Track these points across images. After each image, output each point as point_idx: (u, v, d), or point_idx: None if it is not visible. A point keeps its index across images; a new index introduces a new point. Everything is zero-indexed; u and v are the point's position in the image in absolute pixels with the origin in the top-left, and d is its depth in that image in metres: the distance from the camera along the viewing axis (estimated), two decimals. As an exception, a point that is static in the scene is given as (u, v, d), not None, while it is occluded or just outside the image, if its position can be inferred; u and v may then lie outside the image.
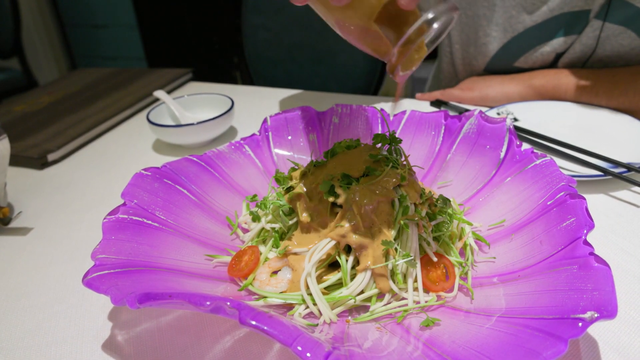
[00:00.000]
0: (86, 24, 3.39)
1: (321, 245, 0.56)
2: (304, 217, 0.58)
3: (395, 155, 0.64)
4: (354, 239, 0.55)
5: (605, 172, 0.74)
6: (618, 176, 0.72)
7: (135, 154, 1.03)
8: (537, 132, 0.87)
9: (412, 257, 0.55)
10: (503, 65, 1.10)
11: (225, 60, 3.04)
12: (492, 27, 1.07)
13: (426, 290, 0.56)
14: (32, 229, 0.81)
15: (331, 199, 0.57)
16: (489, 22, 1.07)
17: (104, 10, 3.26)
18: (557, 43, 1.02)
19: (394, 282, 0.55)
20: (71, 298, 0.65)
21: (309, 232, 0.59)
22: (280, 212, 0.61)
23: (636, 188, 0.76)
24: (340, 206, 0.57)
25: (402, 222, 0.56)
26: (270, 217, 0.64)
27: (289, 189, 0.64)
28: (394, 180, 0.57)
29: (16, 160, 1.00)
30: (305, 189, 0.60)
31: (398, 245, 0.56)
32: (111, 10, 3.23)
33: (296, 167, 0.66)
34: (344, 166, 0.59)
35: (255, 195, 0.73)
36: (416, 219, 0.56)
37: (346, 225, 0.55)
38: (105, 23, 3.31)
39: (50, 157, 1.01)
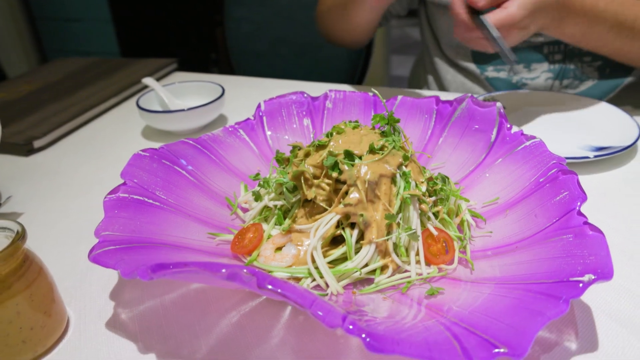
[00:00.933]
0: (58, 17, 3.32)
1: (326, 220, 0.57)
2: (309, 192, 0.60)
3: (394, 133, 0.66)
4: (358, 213, 0.56)
5: (588, 155, 0.78)
6: (599, 158, 0.76)
7: (124, 141, 1.03)
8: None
9: (414, 230, 0.57)
10: None
11: (203, 56, 3.03)
12: None
13: (428, 263, 0.58)
14: (22, 213, 0.80)
15: (335, 175, 0.59)
16: None
17: (76, 3, 3.19)
18: None
19: (397, 255, 0.57)
20: (69, 279, 0.65)
21: (312, 209, 0.61)
22: (285, 189, 0.62)
23: (616, 170, 0.80)
24: (344, 183, 0.59)
25: (404, 196, 0.58)
26: (272, 195, 0.65)
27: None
28: (399, 160, 0.59)
29: (1, 146, 0.99)
30: (308, 167, 0.61)
31: (400, 219, 0.58)
32: (84, 3, 3.17)
33: (299, 147, 0.67)
34: (347, 145, 0.61)
35: (257, 174, 0.74)
36: (418, 193, 0.58)
37: (350, 198, 0.57)
38: (78, 16, 3.25)
39: (36, 143, 1.00)
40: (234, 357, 0.52)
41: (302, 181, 0.61)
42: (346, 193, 0.58)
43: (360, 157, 0.60)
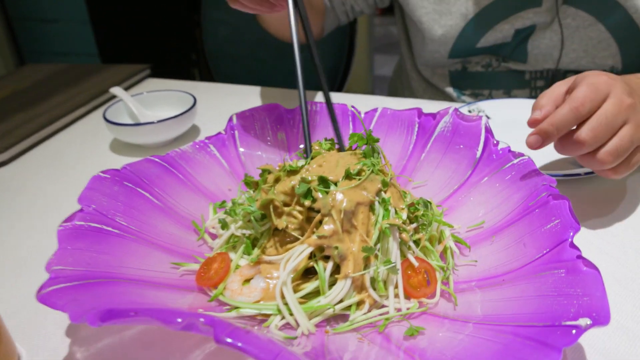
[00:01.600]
0: (35, 18, 3.25)
1: (297, 252, 0.53)
2: (279, 222, 0.55)
3: (373, 154, 0.61)
4: (332, 245, 0.52)
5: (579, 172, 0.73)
6: (593, 175, 0.72)
7: (92, 155, 0.98)
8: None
9: (393, 264, 0.52)
10: (466, 49, 1.09)
11: (183, 57, 2.97)
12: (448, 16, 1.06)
13: (407, 296, 0.54)
14: (-22, 237, 0.75)
15: (307, 203, 0.54)
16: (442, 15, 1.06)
17: (53, 4, 3.13)
18: (515, 19, 1.02)
19: (374, 290, 0.53)
20: (23, 313, 0.60)
21: (283, 238, 0.56)
22: (252, 218, 0.57)
23: (612, 188, 0.75)
24: (318, 211, 0.54)
25: (383, 226, 0.53)
26: (240, 223, 0.61)
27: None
28: (377, 186, 0.55)
29: (-40, 161, 0.93)
30: (278, 194, 0.57)
31: (379, 251, 0.53)
32: (61, 4, 3.10)
33: (269, 171, 0.62)
34: (321, 169, 0.56)
35: (223, 202, 0.69)
36: (398, 222, 0.54)
37: (325, 229, 0.52)
38: (55, 17, 3.18)
39: (-2, 158, 0.95)
40: (196, 407, 0.48)
41: (272, 209, 0.56)
42: (320, 222, 0.54)
43: (335, 183, 0.55)
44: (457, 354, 0.43)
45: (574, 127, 0.62)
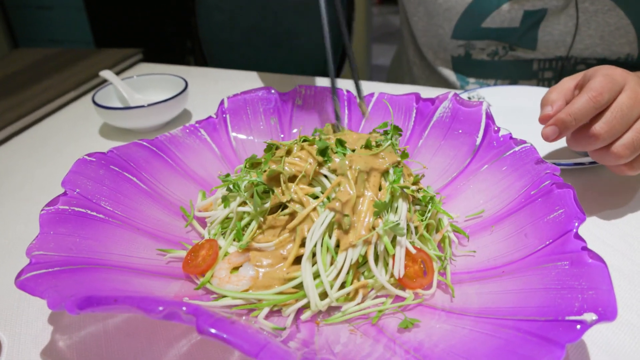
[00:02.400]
0: (29, 5, 3.21)
1: (321, 220, 0.51)
2: (283, 195, 0.53)
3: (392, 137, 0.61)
4: (345, 213, 0.51)
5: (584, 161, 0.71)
6: (598, 165, 0.69)
7: (81, 140, 0.95)
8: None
9: (398, 222, 0.50)
10: (470, 29, 1.06)
11: (178, 45, 2.94)
12: None
13: (403, 287, 0.51)
14: (-39, 222, 0.73)
15: (321, 160, 0.54)
16: None
17: (48, -10, 3.10)
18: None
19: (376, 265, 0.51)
20: (5, 299, 0.58)
21: (274, 224, 0.54)
22: (255, 192, 0.55)
23: (617, 179, 0.73)
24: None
25: (395, 188, 0.52)
26: (238, 200, 0.58)
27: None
28: (395, 158, 0.55)
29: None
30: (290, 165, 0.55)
31: (388, 212, 0.52)
32: (56, -10, 3.07)
33: (276, 146, 0.60)
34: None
35: (228, 175, 0.66)
36: (410, 185, 0.53)
37: (342, 192, 0.51)
38: (50, 4, 3.14)
39: (-15, 142, 0.92)
40: (180, 399, 0.45)
41: (282, 182, 0.54)
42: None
43: (353, 150, 0.55)
44: (454, 348, 0.41)
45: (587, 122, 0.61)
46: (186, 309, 0.37)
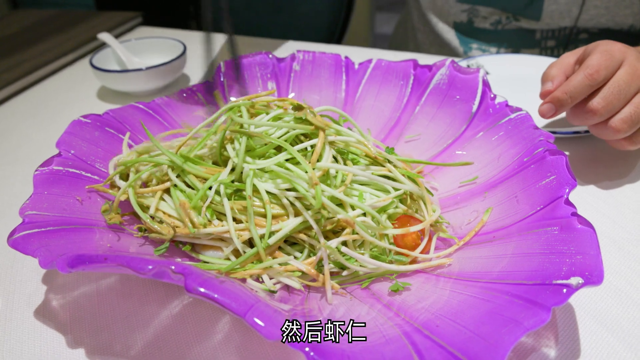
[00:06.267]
0: (30, -34, 3.17)
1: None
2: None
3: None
4: None
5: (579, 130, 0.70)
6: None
7: (78, 102, 0.94)
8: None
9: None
10: None
11: (180, 10, 2.89)
12: None
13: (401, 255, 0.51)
14: (-42, 181, 0.73)
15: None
16: None
17: (48, -50, 3.04)
18: None
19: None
20: (0, 259, 0.59)
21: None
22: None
23: (612, 148, 0.72)
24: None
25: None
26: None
27: None
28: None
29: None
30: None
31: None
32: (57, -50, 3.01)
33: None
34: None
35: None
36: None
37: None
38: (50, -35, 3.10)
39: (-18, 103, 0.92)
40: (171, 356, 0.46)
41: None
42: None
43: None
44: (442, 311, 0.41)
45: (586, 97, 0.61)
46: (175, 268, 0.37)
